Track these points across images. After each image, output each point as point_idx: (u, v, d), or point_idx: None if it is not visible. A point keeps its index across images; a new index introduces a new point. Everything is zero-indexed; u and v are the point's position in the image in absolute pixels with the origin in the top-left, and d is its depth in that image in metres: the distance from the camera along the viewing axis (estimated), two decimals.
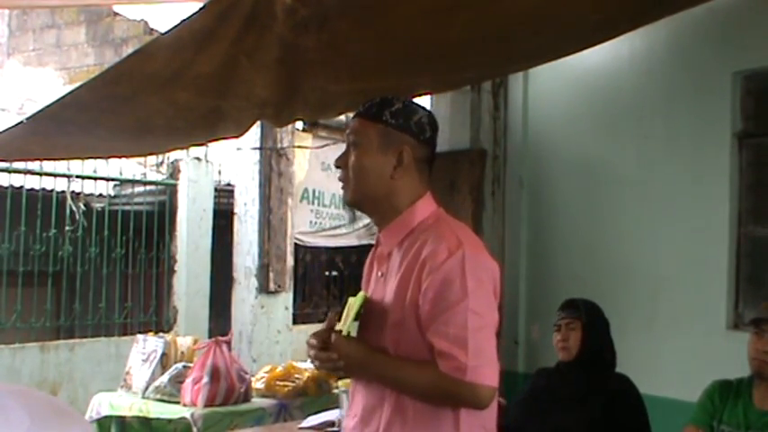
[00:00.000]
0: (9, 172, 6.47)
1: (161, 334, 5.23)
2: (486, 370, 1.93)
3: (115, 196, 7.55)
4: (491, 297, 2.01)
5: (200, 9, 3.01)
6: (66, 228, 6.83)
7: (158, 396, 4.52)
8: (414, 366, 2.00)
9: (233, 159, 7.53)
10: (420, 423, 2.00)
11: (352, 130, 2.14)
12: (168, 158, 7.70)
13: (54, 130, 3.99)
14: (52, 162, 6.54)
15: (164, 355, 4.72)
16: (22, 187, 6.50)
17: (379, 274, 2.14)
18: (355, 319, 2.04)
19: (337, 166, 2.16)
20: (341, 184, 2.16)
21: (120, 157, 6.47)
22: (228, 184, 7.93)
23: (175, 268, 7.48)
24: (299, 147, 7.65)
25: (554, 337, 3.51)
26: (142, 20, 9.14)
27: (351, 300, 2.14)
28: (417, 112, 2.14)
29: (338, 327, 2.09)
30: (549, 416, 3.37)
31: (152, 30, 8.86)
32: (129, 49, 8.21)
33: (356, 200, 2.14)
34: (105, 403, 4.68)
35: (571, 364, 3.44)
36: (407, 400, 2.01)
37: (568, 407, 3.34)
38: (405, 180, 2.11)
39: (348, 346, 2.03)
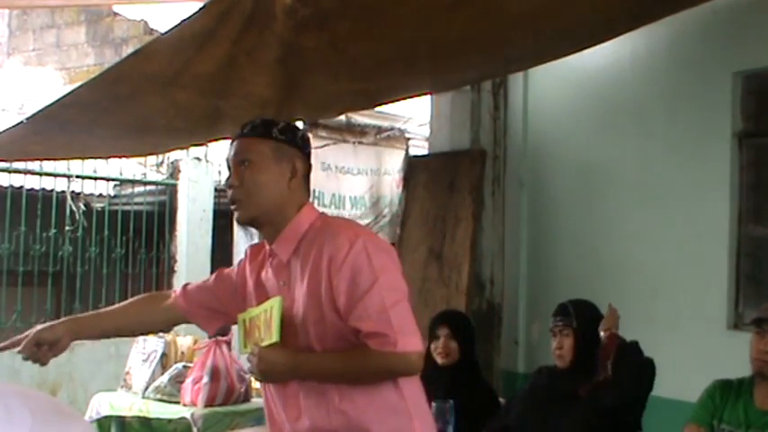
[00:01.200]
0: (9, 172, 6.46)
1: (161, 334, 5.22)
2: (411, 338, 2.06)
3: (115, 196, 7.54)
4: (398, 272, 2.16)
5: (201, 9, 3.01)
6: (66, 228, 6.82)
7: (158, 396, 4.52)
8: (345, 354, 2.12)
9: None
10: (368, 400, 2.12)
11: (242, 150, 2.24)
12: (168, 158, 7.68)
13: (54, 129, 3.99)
14: (52, 162, 6.54)
15: (164, 355, 4.72)
16: (22, 187, 6.49)
17: (281, 283, 2.22)
18: (280, 325, 2.11)
19: (230, 186, 2.23)
20: (233, 204, 2.23)
21: (120, 157, 6.47)
22: None
23: (175, 268, 7.48)
24: None
25: (551, 343, 3.51)
26: (142, 20, 9.13)
27: (256, 311, 2.22)
28: (299, 130, 2.33)
29: (261, 338, 2.16)
30: (549, 414, 3.37)
31: (152, 30, 8.84)
32: (129, 49, 8.20)
33: (255, 215, 2.23)
34: (105, 403, 4.68)
35: (567, 371, 3.43)
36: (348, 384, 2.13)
37: (569, 405, 3.34)
38: (296, 191, 2.24)
39: (276, 355, 2.12)
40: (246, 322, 2.26)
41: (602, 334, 3.35)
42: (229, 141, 2.34)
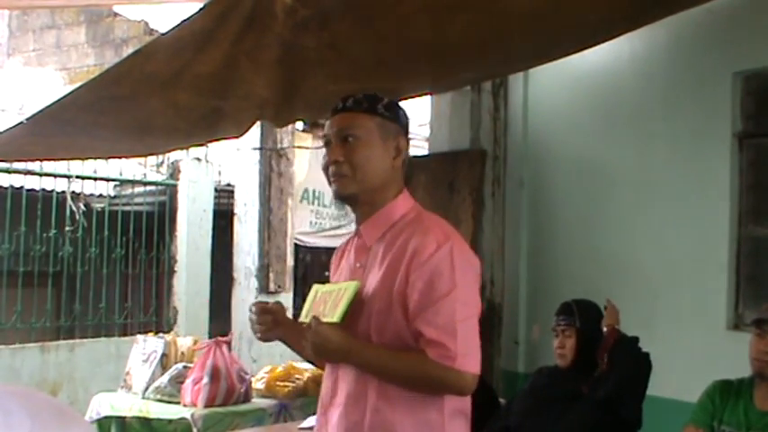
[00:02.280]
0: (9, 172, 6.47)
1: (161, 334, 5.23)
2: (472, 358, 2.00)
3: (115, 197, 7.55)
4: (476, 288, 2.09)
5: (201, 9, 3.02)
6: (67, 228, 6.83)
7: (158, 396, 4.52)
8: (401, 354, 2.04)
9: (233, 160, 7.54)
10: (408, 408, 2.04)
11: (347, 125, 2.15)
12: (168, 159, 7.69)
13: (54, 130, 3.99)
14: (52, 162, 6.55)
15: (164, 355, 4.72)
16: (22, 188, 6.50)
17: (358, 265, 2.18)
18: (347, 309, 2.06)
19: (333, 162, 2.14)
20: (334, 178, 2.15)
21: (120, 158, 6.47)
22: (228, 185, 7.93)
23: (175, 269, 7.48)
24: (298, 147, 7.65)
25: (553, 342, 3.53)
26: (142, 20, 9.14)
27: (330, 287, 2.18)
28: (401, 108, 2.22)
29: (323, 313, 2.10)
30: (549, 414, 3.37)
31: (152, 30, 8.85)
32: (129, 50, 8.20)
33: (357, 191, 2.14)
34: (105, 404, 4.69)
35: (568, 371, 3.44)
36: (392, 386, 2.05)
37: (569, 405, 3.34)
38: (398, 172, 2.18)
39: (332, 333, 2.04)
40: (318, 294, 2.21)
41: (604, 330, 3.37)
42: (330, 116, 2.22)
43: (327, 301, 2.13)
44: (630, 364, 3.32)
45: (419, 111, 7.18)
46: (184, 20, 3.03)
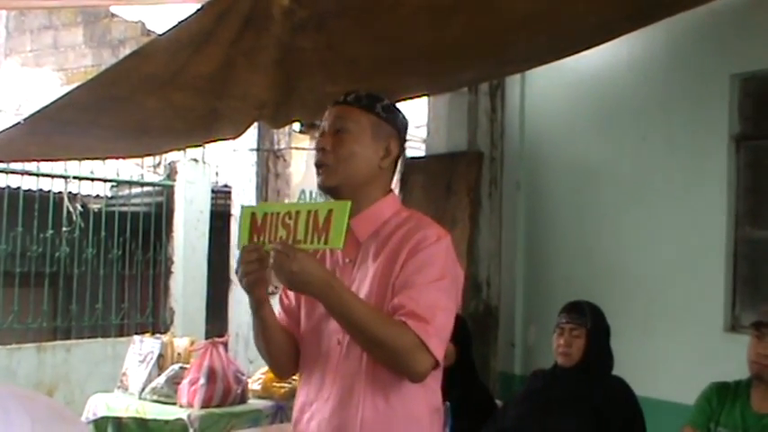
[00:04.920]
0: (6, 173, 6.47)
1: (158, 335, 5.23)
2: (441, 348, 2.00)
3: (112, 197, 7.54)
4: (459, 291, 2.13)
5: (198, 10, 3.02)
6: (64, 229, 6.82)
7: (155, 397, 4.52)
8: (379, 312, 2.02)
9: (230, 161, 7.54)
10: (401, 401, 2.05)
11: (341, 117, 2.17)
12: (165, 160, 7.69)
13: (51, 130, 3.99)
14: (49, 163, 6.54)
15: (160, 356, 4.72)
16: (19, 188, 6.49)
17: (347, 260, 2.16)
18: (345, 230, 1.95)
19: (320, 149, 2.15)
20: (318, 168, 2.16)
21: (117, 158, 6.47)
22: (225, 186, 7.93)
23: (172, 269, 7.48)
24: (296, 148, 7.65)
25: (555, 340, 3.46)
26: (139, 21, 9.13)
27: (276, 208, 2.06)
28: (400, 112, 2.25)
29: (298, 239, 1.99)
30: (545, 417, 3.37)
31: (149, 31, 8.85)
32: (126, 50, 8.20)
33: (338, 183, 2.14)
34: (102, 404, 4.68)
35: (569, 370, 3.42)
36: (383, 377, 2.04)
37: (565, 409, 3.34)
38: (385, 173, 2.20)
39: (315, 266, 1.98)
40: (261, 217, 2.07)
41: None
42: (329, 107, 2.22)
43: (290, 226, 2.02)
44: None
45: (416, 112, 7.18)
46: (182, 21, 3.03)
